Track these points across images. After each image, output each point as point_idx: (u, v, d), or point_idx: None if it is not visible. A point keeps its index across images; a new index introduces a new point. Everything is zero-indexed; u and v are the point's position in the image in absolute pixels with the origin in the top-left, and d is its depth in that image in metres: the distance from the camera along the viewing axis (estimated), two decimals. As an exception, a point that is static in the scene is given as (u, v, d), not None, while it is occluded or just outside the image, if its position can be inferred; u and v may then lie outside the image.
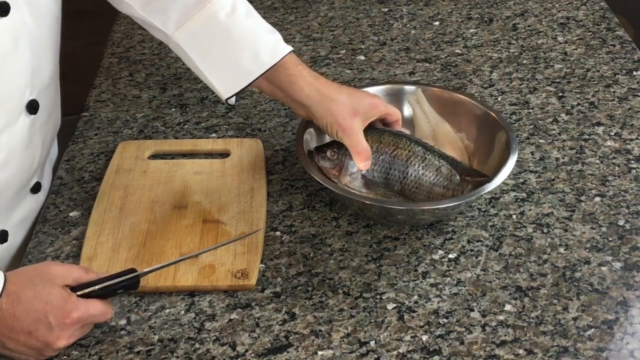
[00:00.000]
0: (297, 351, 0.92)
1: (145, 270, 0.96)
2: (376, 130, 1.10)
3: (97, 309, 0.91)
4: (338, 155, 1.08)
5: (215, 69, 1.10)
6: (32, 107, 1.03)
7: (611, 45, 1.43)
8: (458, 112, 1.18)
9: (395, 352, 0.91)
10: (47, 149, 1.14)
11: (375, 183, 1.08)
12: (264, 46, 1.08)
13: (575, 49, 1.43)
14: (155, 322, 0.96)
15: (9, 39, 0.98)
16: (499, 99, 1.31)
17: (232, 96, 1.10)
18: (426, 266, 1.02)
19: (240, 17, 1.09)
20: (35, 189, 1.13)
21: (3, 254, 1.10)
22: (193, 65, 1.11)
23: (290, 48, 1.09)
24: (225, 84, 1.10)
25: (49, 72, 1.08)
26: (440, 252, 1.04)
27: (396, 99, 1.19)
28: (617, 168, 1.16)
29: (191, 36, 1.09)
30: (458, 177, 1.07)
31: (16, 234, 1.11)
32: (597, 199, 1.11)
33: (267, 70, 1.08)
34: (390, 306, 0.96)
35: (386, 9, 1.58)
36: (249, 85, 1.09)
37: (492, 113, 1.14)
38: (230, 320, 0.96)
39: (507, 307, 0.96)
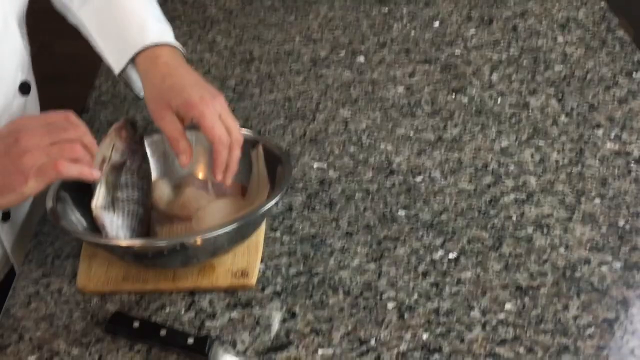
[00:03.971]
0: (298, 349, 0.92)
1: None
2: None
3: None
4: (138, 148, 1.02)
5: (109, 45, 1.08)
6: (24, 88, 1.06)
7: (611, 46, 1.43)
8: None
9: (395, 351, 0.91)
10: None
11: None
12: (152, 23, 1.06)
13: (575, 50, 1.43)
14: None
15: (0, 20, 0.99)
16: (498, 100, 1.31)
17: (124, 70, 1.06)
18: (426, 266, 1.02)
19: None
20: None
21: (7, 231, 1.12)
22: (94, 43, 1.11)
23: (179, 45, 1.07)
24: (115, 57, 1.07)
25: (27, 52, 1.10)
26: (440, 252, 1.04)
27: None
28: (616, 170, 1.16)
29: (93, 14, 1.10)
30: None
31: (17, 210, 1.14)
32: (597, 200, 1.11)
33: (151, 45, 1.04)
34: (390, 305, 0.96)
35: (386, 10, 1.58)
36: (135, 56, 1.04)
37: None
38: (231, 319, 0.96)
39: (508, 306, 0.96)
